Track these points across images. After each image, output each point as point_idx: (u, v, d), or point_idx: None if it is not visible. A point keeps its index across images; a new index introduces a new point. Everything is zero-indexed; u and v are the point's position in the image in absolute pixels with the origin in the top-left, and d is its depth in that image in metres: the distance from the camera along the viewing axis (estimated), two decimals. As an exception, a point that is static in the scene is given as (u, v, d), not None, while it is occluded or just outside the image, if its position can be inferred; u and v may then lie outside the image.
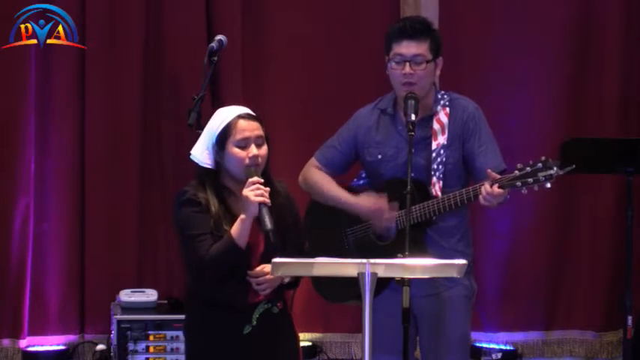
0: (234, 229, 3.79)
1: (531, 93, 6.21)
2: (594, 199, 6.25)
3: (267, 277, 3.84)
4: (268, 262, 3.76)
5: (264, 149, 3.87)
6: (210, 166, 3.90)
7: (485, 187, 4.15)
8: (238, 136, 3.85)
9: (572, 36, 6.23)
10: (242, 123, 3.87)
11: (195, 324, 3.98)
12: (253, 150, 3.84)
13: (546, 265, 6.27)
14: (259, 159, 3.85)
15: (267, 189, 3.79)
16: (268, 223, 3.74)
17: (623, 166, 5.07)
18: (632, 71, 6.27)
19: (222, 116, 3.91)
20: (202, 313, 3.95)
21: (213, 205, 3.85)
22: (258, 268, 3.85)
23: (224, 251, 3.78)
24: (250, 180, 3.79)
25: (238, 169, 3.85)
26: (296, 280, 3.98)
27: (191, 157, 3.94)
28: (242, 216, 3.78)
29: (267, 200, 3.76)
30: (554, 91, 6.22)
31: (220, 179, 3.90)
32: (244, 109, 3.93)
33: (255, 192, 3.76)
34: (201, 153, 3.91)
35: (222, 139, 3.86)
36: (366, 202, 4.43)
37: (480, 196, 4.18)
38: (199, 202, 3.85)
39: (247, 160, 3.83)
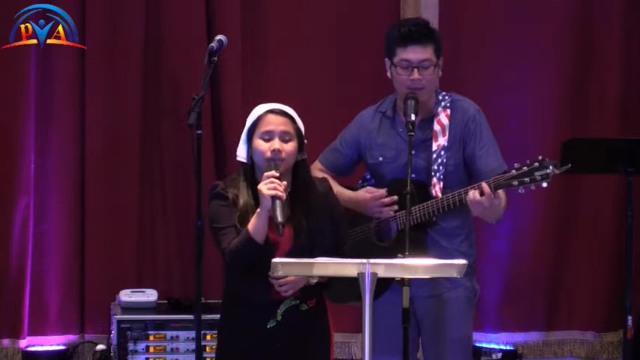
0: (251, 224, 3.83)
1: (531, 93, 6.21)
2: (594, 199, 6.25)
3: (289, 278, 3.87)
4: None
5: (290, 145, 3.90)
6: (245, 160, 3.96)
7: (472, 194, 4.13)
8: (263, 129, 3.91)
9: (573, 36, 6.23)
10: (269, 117, 3.93)
11: (225, 319, 4.04)
12: (275, 144, 3.88)
13: (547, 265, 6.27)
14: (282, 153, 3.88)
15: (284, 183, 3.81)
16: (279, 216, 3.76)
17: (623, 166, 5.07)
18: (633, 71, 6.28)
19: (257, 110, 3.98)
20: (231, 308, 4.01)
21: (242, 198, 3.91)
22: None
23: (241, 245, 3.83)
24: (266, 174, 3.83)
25: (261, 161, 3.90)
26: (329, 281, 3.99)
27: (237, 151, 4.00)
28: (258, 210, 3.81)
29: (281, 194, 3.77)
30: (554, 91, 6.23)
31: (254, 174, 3.94)
32: (279, 106, 3.98)
33: (268, 186, 3.78)
34: (240, 148, 3.98)
35: (251, 132, 3.94)
36: (359, 195, 4.45)
37: (471, 206, 4.16)
38: (227, 196, 3.92)
39: (269, 153, 3.87)
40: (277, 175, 3.82)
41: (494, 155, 4.38)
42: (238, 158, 4.00)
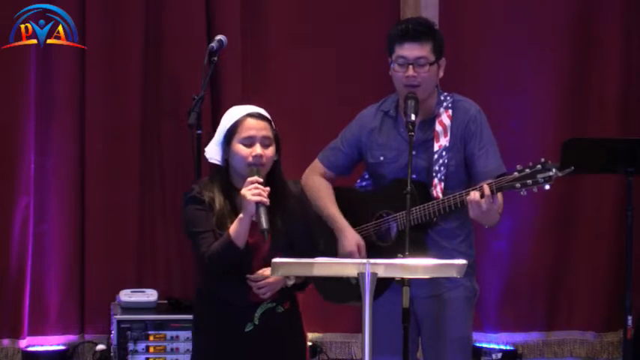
0: (232, 228, 3.80)
1: (531, 93, 6.21)
2: (594, 199, 6.26)
3: (267, 280, 3.85)
4: None
5: (270, 150, 3.89)
6: (219, 163, 3.94)
7: (472, 194, 4.13)
8: (244, 134, 3.88)
9: (573, 36, 6.23)
10: (250, 121, 3.90)
11: (201, 321, 4.01)
12: (257, 149, 3.86)
13: (547, 265, 6.27)
14: (263, 159, 3.86)
15: (267, 189, 3.79)
16: (264, 222, 3.75)
17: (623, 166, 5.07)
18: (633, 71, 6.28)
19: (233, 113, 3.94)
20: (207, 310, 3.97)
21: (218, 202, 3.88)
22: (259, 272, 3.86)
23: (222, 250, 3.80)
24: (249, 179, 3.81)
25: (242, 166, 3.87)
26: (304, 282, 3.98)
27: (205, 153, 3.97)
28: (240, 215, 3.79)
29: (265, 200, 3.76)
30: (554, 91, 6.23)
31: (229, 177, 3.92)
32: (256, 109, 3.96)
33: (252, 191, 3.77)
34: (213, 149, 3.95)
35: (230, 136, 3.90)
36: (349, 237, 4.40)
37: (469, 206, 4.15)
38: (202, 200, 3.88)
39: (250, 159, 3.85)
40: (261, 180, 3.80)
41: (493, 156, 4.38)
42: (211, 160, 3.96)
